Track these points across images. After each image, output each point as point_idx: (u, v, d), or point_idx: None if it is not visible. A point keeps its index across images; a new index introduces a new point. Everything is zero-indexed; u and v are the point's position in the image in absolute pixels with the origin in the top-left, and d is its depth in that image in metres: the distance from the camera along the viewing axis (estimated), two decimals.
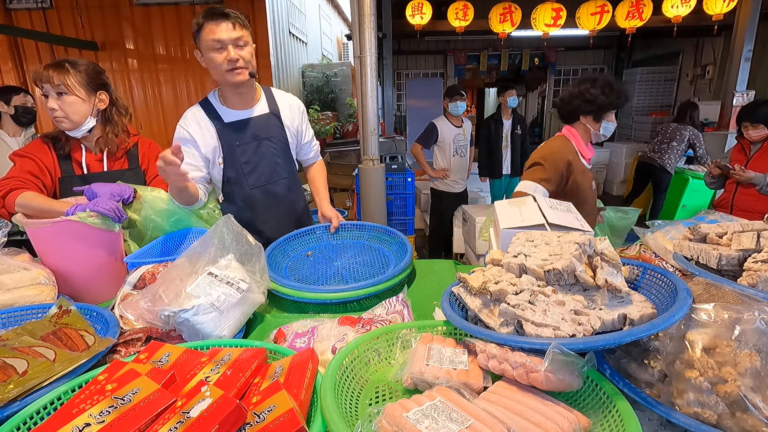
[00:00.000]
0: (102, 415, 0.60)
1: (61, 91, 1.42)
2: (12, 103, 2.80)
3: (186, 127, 1.53)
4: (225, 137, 1.56)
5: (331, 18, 10.48)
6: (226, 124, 1.56)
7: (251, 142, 1.60)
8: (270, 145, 1.64)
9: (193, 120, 1.54)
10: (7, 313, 1.05)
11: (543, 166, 1.78)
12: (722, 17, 4.60)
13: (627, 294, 0.83)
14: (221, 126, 1.55)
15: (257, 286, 1.11)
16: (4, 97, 2.79)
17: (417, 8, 5.10)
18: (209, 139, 1.54)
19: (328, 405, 0.65)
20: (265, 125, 1.63)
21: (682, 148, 4.72)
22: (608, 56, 8.76)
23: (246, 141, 1.59)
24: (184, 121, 1.55)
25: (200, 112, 1.56)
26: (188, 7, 5.28)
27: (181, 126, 1.54)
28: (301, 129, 1.76)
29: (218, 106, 1.58)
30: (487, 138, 4.36)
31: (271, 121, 1.65)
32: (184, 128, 1.53)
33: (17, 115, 2.82)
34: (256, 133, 1.60)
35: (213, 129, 1.55)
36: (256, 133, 1.60)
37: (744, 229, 0.99)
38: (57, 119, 1.44)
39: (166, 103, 5.68)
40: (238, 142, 1.58)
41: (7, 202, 1.37)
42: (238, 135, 1.57)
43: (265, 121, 1.63)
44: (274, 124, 1.65)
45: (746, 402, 0.60)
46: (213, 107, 1.57)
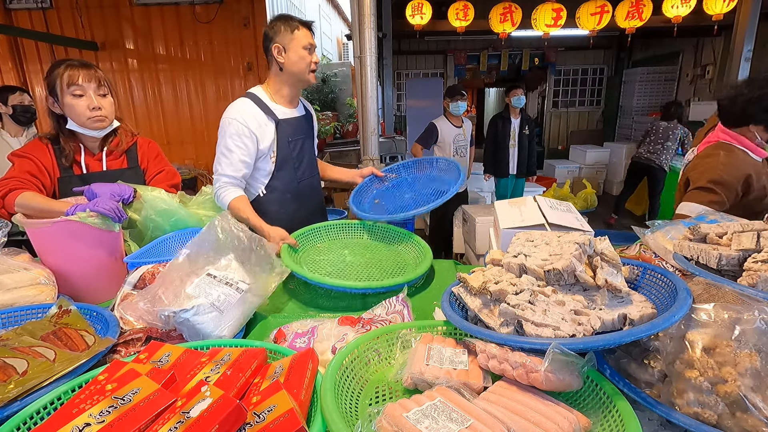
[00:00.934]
0: (102, 415, 0.60)
1: (104, 93, 1.48)
2: (9, 102, 2.80)
3: (245, 123, 1.58)
4: (281, 133, 1.67)
5: (331, 18, 10.48)
6: (280, 120, 1.66)
7: (299, 138, 1.74)
8: (309, 143, 1.81)
9: (250, 116, 1.60)
10: (7, 313, 1.05)
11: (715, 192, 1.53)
12: (722, 17, 4.60)
13: (627, 294, 0.83)
14: (277, 122, 1.65)
15: (258, 284, 1.11)
16: (1, 98, 2.78)
17: (417, 8, 5.10)
18: (268, 133, 1.63)
19: (328, 405, 0.65)
20: (305, 125, 1.78)
21: (676, 146, 4.87)
22: (608, 56, 8.75)
23: (296, 137, 1.72)
24: (240, 115, 1.58)
25: (255, 108, 1.62)
26: (188, 7, 5.28)
27: (239, 121, 1.58)
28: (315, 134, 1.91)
29: (269, 102, 1.66)
30: (493, 136, 4.35)
31: (309, 121, 1.82)
32: (244, 124, 1.58)
33: (15, 114, 2.82)
34: (301, 131, 1.75)
35: (272, 124, 1.64)
36: (301, 131, 1.75)
37: (744, 229, 0.99)
38: (98, 118, 1.47)
39: (166, 103, 5.68)
40: (291, 138, 1.70)
41: (7, 202, 1.37)
42: (290, 131, 1.70)
43: (305, 121, 1.78)
44: (310, 125, 1.82)
45: (746, 402, 0.59)
46: (265, 103, 1.65)
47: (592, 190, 6.07)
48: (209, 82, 5.60)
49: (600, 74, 8.86)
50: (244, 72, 5.55)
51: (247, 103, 1.63)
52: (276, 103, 1.67)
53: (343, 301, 1.28)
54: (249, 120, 1.58)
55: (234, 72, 5.57)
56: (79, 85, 1.41)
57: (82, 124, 1.46)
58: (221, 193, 1.57)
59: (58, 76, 1.41)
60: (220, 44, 5.44)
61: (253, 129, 1.59)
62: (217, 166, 1.61)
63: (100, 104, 1.46)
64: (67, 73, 1.41)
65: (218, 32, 5.38)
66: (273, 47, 1.60)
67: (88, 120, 1.45)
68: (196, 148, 5.83)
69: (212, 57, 5.51)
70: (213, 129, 6.43)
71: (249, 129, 1.58)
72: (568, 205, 1.49)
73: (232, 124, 1.57)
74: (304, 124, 1.78)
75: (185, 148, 5.81)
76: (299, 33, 1.58)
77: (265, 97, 1.66)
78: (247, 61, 5.51)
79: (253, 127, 1.59)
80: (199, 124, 5.76)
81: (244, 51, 5.47)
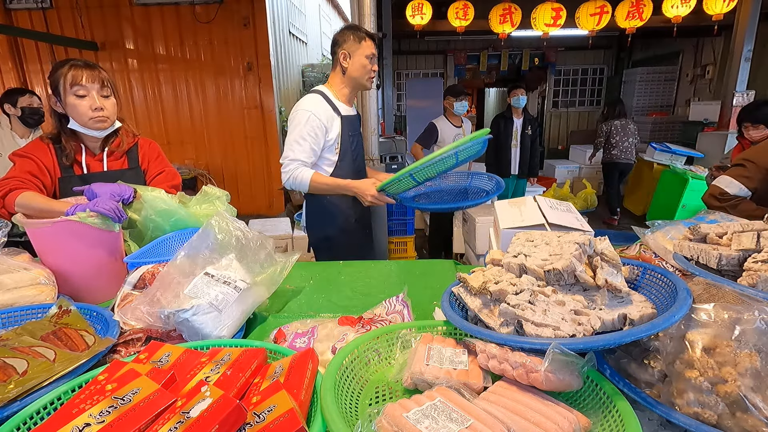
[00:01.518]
0: (102, 415, 0.59)
1: (107, 94, 1.48)
2: (18, 104, 2.84)
3: (318, 116, 1.78)
4: (344, 128, 1.88)
5: (331, 18, 10.48)
6: (343, 116, 1.88)
7: (356, 134, 1.98)
8: (360, 140, 2.04)
9: (322, 110, 1.81)
10: (7, 313, 1.05)
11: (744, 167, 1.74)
12: (722, 17, 4.60)
13: (627, 294, 0.83)
14: (341, 117, 1.87)
15: (259, 281, 1.11)
16: (10, 100, 2.85)
17: (417, 8, 5.10)
18: (335, 126, 1.85)
19: (328, 405, 0.65)
20: (358, 124, 2.02)
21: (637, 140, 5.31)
22: (608, 56, 8.75)
23: (354, 133, 1.95)
24: (315, 108, 1.79)
25: (325, 103, 1.84)
26: (188, 7, 5.28)
27: (313, 114, 1.78)
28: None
29: (334, 99, 1.88)
30: (495, 135, 4.35)
31: (359, 121, 2.06)
32: (317, 117, 1.78)
33: (24, 116, 2.87)
34: (356, 128, 1.99)
35: (338, 119, 1.86)
36: (356, 128, 1.99)
37: (744, 229, 0.99)
38: (100, 119, 1.47)
39: (166, 103, 5.68)
40: (350, 132, 1.92)
41: (7, 202, 1.36)
42: (349, 127, 1.91)
43: (357, 120, 2.01)
44: (359, 124, 2.07)
45: (746, 402, 0.59)
46: (331, 100, 1.87)
47: (592, 190, 6.07)
48: (209, 82, 5.60)
49: (600, 74, 8.86)
50: (244, 72, 5.55)
51: (318, 98, 1.84)
52: (339, 101, 1.89)
53: (343, 302, 1.28)
54: (320, 113, 1.79)
55: (234, 72, 5.57)
56: (82, 85, 1.42)
57: (84, 124, 1.46)
58: (298, 173, 1.77)
59: (62, 75, 1.41)
60: (220, 44, 5.44)
61: (323, 121, 1.79)
62: (289, 153, 1.79)
63: (102, 105, 1.45)
64: (71, 72, 1.41)
65: (218, 32, 5.38)
66: (340, 52, 1.82)
67: (90, 120, 1.45)
68: (196, 148, 5.83)
69: (212, 57, 5.51)
70: (213, 129, 6.44)
71: (320, 121, 1.78)
72: (568, 205, 1.49)
73: (306, 115, 1.77)
74: (357, 123, 2.01)
75: (185, 148, 5.82)
76: (365, 44, 1.80)
77: (331, 95, 1.88)
78: (247, 61, 5.50)
79: (323, 120, 1.79)
80: (199, 124, 5.76)
81: (244, 51, 5.47)
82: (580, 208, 5.66)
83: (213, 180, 5.76)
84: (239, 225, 1.20)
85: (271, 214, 5.72)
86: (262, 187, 5.96)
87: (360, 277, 1.47)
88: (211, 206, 1.58)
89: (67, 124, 1.48)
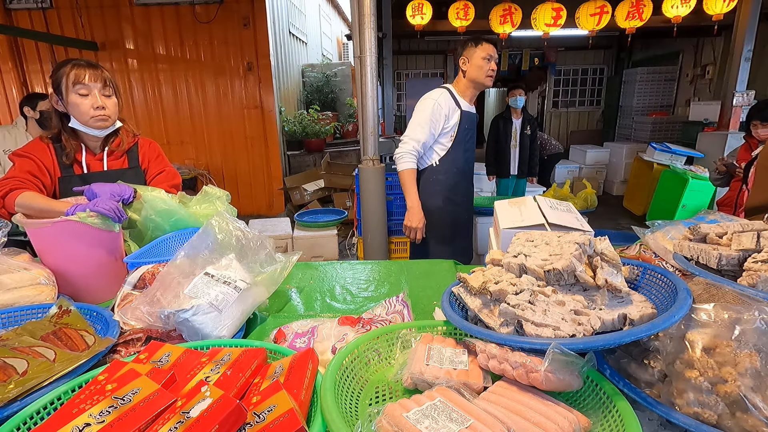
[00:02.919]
0: (102, 415, 0.59)
1: (109, 93, 1.48)
2: (38, 108, 2.92)
3: (441, 106, 2.13)
4: (463, 121, 2.19)
5: (331, 18, 10.48)
6: (463, 111, 2.19)
7: (471, 129, 2.26)
8: (474, 136, 2.31)
9: (445, 102, 2.15)
10: (7, 313, 1.05)
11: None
12: (722, 17, 4.60)
13: (627, 294, 0.83)
14: (461, 112, 2.18)
15: (259, 281, 1.11)
16: (31, 103, 2.97)
17: (417, 8, 5.10)
18: (454, 117, 2.17)
19: (328, 405, 0.65)
20: (475, 122, 2.29)
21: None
22: (608, 56, 8.75)
23: (470, 127, 2.25)
24: (441, 98, 2.14)
25: (450, 99, 2.17)
26: (188, 7, 5.28)
27: (439, 103, 2.13)
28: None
29: (458, 97, 2.20)
30: (494, 136, 4.35)
31: (476, 120, 2.32)
32: (441, 106, 2.13)
33: (41, 119, 2.93)
34: (473, 125, 2.28)
35: (459, 112, 2.18)
36: (473, 125, 2.28)
37: (744, 229, 0.99)
38: (101, 117, 1.47)
39: (166, 103, 5.69)
40: (467, 126, 2.22)
41: (7, 202, 1.36)
42: (467, 122, 2.21)
43: (475, 118, 2.30)
44: (476, 123, 2.33)
45: (746, 402, 0.59)
46: (455, 96, 2.19)
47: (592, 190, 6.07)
48: (209, 82, 5.60)
49: (600, 74, 8.86)
50: (244, 72, 5.55)
51: (445, 92, 2.17)
52: (461, 98, 2.20)
53: (343, 302, 1.28)
54: (443, 105, 2.13)
55: (234, 72, 5.57)
56: (84, 84, 1.42)
57: (85, 123, 1.46)
58: (405, 158, 2.13)
59: (65, 74, 1.41)
60: (220, 44, 5.45)
61: (445, 111, 2.13)
62: (410, 132, 2.14)
63: (104, 104, 1.46)
64: (74, 71, 1.41)
65: (218, 32, 5.39)
66: (460, 59, 2.17)
67: (91, 119, 1.45)
68: (196, 148, 5.83)
69: (212, 57, 5.52)
70: (213, 129, 6.45)
71: (442, 109, 2.12)
72: (568, 205, 1.49)
73: (431, 104, 2.12)
74: (474, 120, 2.29)
75: (185, 148, 5.82)
76: (481, 47, 2.09)
77: (455, 92, 2.21)
78: (247, 61, 5.51)
79: (445, 110, 2.13)
80: (199, 124, 5.76)
81: (244, 51, 5.47)
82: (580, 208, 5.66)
83: (213, 180, 5.76)
84: (239, 225, 1.20)
85: (271, 214, 5.72)
86: (262, 187, 5.97)
87: (360, 277, 1.47)
88: (211, 206, 1.58)
89: (68, 123, 1.48)
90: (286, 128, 6.00)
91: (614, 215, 6.00)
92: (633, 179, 6.13)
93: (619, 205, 6.44)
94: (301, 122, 5.96)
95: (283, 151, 6.02)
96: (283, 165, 5.95)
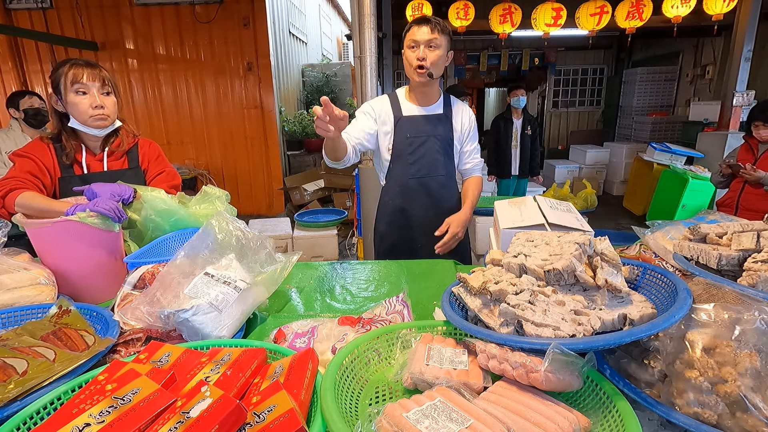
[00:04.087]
0: (102, 415, 0.59)
1: (108, 92, 1.48)
2: (21, 107, 2.87)
3: (372, 105, 1.80)
4: (400, 129, 1.78)
5: (331, 18, 10.48)
6: (404, 117, 1.78)
7: (420, 136, 1.79)
8: (435, 142, 1.81)
9: (379, 103, 1.81)
10: (7, 313, 1.05)
11: None
12: (722, 17, 4.59)
13: (627, 294, 0.83)
14: (399, 118, 1.78)
15: (259, 281, 1.11)
16: (13, 104, 2.91)
17: (417, 8, 5.09)
18: (387, 126, 1.78)
19: (328, 405, 0.65)
20: (435, 123, 1.81)
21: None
22: (608, 56, 8.74)
23: (416, 135, 1.79)
24: (373, 102, 1.82)
25: (386, 102, 1.81)
26: (188, 7, 5.28)
27: (369, 104, 1.81)
28: (465, 136, 1.88)
29: (402, 100, 1.81)
30: (495, 137, 4.36)
31: (442, 120, 1.82)
32: (371, 105, 1.80)
33: (27, 118, 2.88)
34: (426, 129, 1.80)
35: (392, 119, 1.78)
36: (426, 129, 1.80)
37: (744, 229, 0.99)
38: (100, 116, 1.47)
39: (166, 103, 5.69)
40: (409, 134, 1.78)
41: (7, 202, 1.36)
42: (411, 128, 1.78)
43: (436, 120, 1.81)
44: (444, 124, 1.82)
45: (746, 402, 0.59)
46: (397, 100, 1.81)
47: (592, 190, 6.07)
48: (209, 82, 5.60)
49: (600, 74, 8.85)
50: (244, 72, 5.56)
51: (384, 96, 1.84)
52: (408, 101, 1.81)
53: (343, 302, 1.28)
54: (375, 106, 1.80)
55: (234, 72, 5.57)
56: (83, 83, 1.42)
57: (84, 122, 1.46)
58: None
59: (63, 74, 1.42)
60: (220, 44, 5.45)
61: (376, 111, 1.78)
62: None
63: (103, 103, 1.46)
64: (72, 71, 1.41)
65: (218, 32, 5.39)
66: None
67: (90, 118, 1.45)
68: (196, 148, 5.84)
69: (212, 57, 5.52)
70: (213, 129, 6.47)
71: (373, 109, 1.78)
72: (568, 205, 1.49)
73: (363, 105, 1.82)
74: (434, 122, 1.81)
75: (185, 148, 5.82)
76: (408, 32, 1.66)
77: (402, 94, 1.82)
78: (247, 61, 5.51)
79: (376, 111, 1.78)
80: (199, 124, 5.77)
81: (244, 51, 5.47)
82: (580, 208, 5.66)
83: (213, 180, 5.76)
84: (239, 225, 1.20)
85: (271, 214, 5.73)
86: (262, 187, 5.97)
87: (360, 277, 1.47)
88: (211, 206, 1.58)
89: (68, 123, 1.48)
90: (286, 128, 6.01)
91: (614, 215, 6.00)
92: (633, 179, 6.13)
93: (619, 205, 6.44)
94: (301, 122, 5.97)
95: (283, 151, 6.03)
96: (283, 165, 5.95)
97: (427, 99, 1.79)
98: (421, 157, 1.80)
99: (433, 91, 1.79)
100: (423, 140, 1.79)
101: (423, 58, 1.62)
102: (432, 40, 1.62)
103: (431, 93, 1.79)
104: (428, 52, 1.63)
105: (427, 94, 1.78)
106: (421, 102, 1.79)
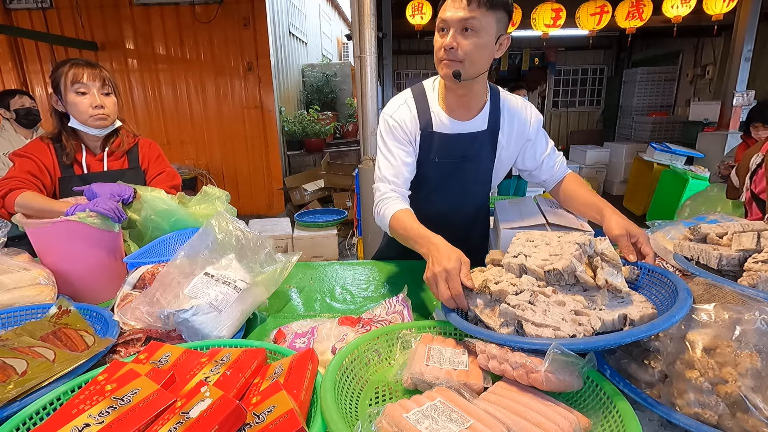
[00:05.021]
0: (101, 416, 0.59)
1: (108, 92, 1.49)
2: (11, 107, 2.83)
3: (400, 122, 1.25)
4: (425, 146, 1.28)
5: (331, 18, 10.49)
6: (434, 133, 1.26)
7: (450, 161, 1.31)
8: (470, 168, 1.34)
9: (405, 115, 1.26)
10: (7, 313, 1.05)
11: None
12: (722, 17, 4.59)
13: (627, 294, 0.83)
14: (428, 133, 1.26)
15: (259, 281, 1.11)
16: (2, 104, 2.83)
17: (417, 8, 5.10)
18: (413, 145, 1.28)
19: (328, 405, 0.65)
20: (475, 144, 1.29)
21: None
22: (608, 56, 8.75)
23: (446, 158, 1.30)
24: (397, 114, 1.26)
25: (412, 109, 1.27)
26: (188, 7, 5.28)
27: (395, 119, 1.26)
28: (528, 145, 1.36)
29: (433, 104, 1.27)
30: None
31: (486, 139, 1.30)
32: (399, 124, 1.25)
33: (18, 118, 2.85)
34: (460, 152, 1.30)
35: (418, 132, 1.26)
36: (460, 152, 1.30)
37: (744, 229, 0.99)
38: (100, 116, 1.47)
39: (166, 103, 5.69)
40: (438, 158, 1.29)
41: (7, 202, 1.37)
42: (441, 150, 1.29)
43: (477, 140, 1.29)
44: (487, 144, 1.31)
45: (747, 402, 0.59)
46: (426, 104, 1.26)
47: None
48: (209, 82, 5.60)
49: (600, 74, 8.86)
50: (244, 72, 5.56)
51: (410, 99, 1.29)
52: (442, 109, 1.27)
53: (343, 302, 1.28)
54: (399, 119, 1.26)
55: (234, 72, 5.57)
56: (83, 83, 1.42)
57: (84, 122, 1.46)
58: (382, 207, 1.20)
59: (63, 73, 1.42)
60: (220, 44, 5.45)
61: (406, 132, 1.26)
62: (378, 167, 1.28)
63: (103, 103, 1.46)
64: (72, 71, 1.42)
65: (218, 32, 5.39)
66: None
67: (90, 118, 1.46)
68: (196, 148, 5.84)
69: (212, 57, 5.52)
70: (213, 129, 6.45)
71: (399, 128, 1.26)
72: None
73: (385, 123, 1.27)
74: (473, 142, 1.29)
75: (185, 148, 5.82)
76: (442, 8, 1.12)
77: (433, 95, 1.28)
78: (247, 61, 5.51)
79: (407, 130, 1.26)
80: (199, 124, 5.77)
81: (244, 51, 5.47)
82: None
83: (213, 180, 5.76)
84: (239, 225, 1.20)
85: (271, 214, 5.73)
86: (262, 187, 5.97)
87: (360, 277, 1.47)
88: (211, 206, 1.58)
89: (68, 123, 1.48)
90: (286, 128, 6.01)
91: None
92: (633, 179, 6.13)
93: (619, 205, 6.42)
94: (301, 122, 5.97)
95: (283, 151, 6.03)
96: (283, 165, 5.95)
97: (467, 108, 1.26)
98: (449, 187, 1.35)
99: (476, 97, 1.25)
100: (455, 165, 1.31)
101: (451, 47, 1.09)
102: (468, 20, 1.06)
103: (472, 99, 1.25)
104: (461, 39, 1.08)
105: (466, 102, 1.25)
106: (458, 113, 1.26)
